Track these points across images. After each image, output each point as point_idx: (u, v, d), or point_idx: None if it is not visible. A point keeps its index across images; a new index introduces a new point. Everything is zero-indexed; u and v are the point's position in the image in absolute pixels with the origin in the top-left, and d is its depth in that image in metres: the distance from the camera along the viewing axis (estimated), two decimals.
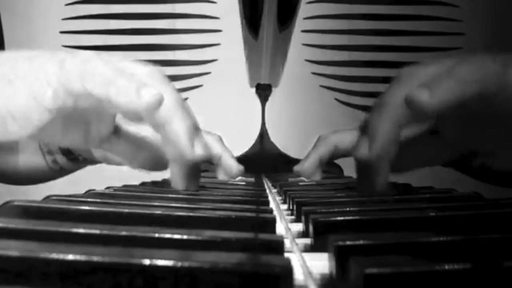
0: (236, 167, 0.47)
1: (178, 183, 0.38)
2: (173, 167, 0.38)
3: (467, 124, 0.35)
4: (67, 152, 0.52)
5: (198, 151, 0.35)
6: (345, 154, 0.52)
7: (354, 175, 0.41)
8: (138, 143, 0.41)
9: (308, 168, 0.47)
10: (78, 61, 0.32)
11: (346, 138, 0.50)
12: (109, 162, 0.48)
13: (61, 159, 0.53)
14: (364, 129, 0.37)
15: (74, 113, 0.33)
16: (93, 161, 0.52)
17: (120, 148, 0.40)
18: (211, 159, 0.48)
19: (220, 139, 0.50)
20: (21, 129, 0.31)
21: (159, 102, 0.32)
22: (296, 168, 0.49)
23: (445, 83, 0.31)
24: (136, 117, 0.33)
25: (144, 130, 0.39)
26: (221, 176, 0.47)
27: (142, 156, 0.41)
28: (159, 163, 0.40)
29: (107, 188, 0.40)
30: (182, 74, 0.93)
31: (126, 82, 0.31)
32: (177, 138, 0.34)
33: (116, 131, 0.39)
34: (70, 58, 0.32)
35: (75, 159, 0.52)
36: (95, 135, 0.37)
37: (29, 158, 0.54)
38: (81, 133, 0.37)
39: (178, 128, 0.34)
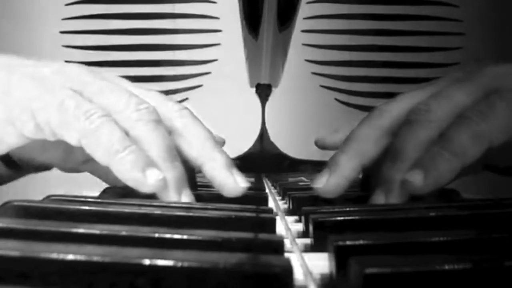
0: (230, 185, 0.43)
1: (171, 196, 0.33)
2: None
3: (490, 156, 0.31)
4: (6, 159, 0.48)
5: (242, 184, 0.33)
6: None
7: None
8: None
9: (330, 190, 0.36)
10: (82, 111, 0.28)
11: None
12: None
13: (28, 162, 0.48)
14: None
15: (52, 140, 0.30)
16: (40, 168, 0.46)
17: (105, 170, 0.35)
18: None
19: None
20: None
21: (164, 186, 0.30)
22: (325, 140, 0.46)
23: (440, 159, 0.28)
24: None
25: None
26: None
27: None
28: None
29: (107, 188, 0.40)
30: (182, 74, 0.93)
31: (132, 160, 0.28)
32: (216, 179, 0.32)
33: None
34: (71, 99, 0.28)
35: (17, 166, 0.45)
36: (78, 158, 0.35)
37: None
38: (61, 155, 0.34)
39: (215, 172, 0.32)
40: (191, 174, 0.36)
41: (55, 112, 0.28)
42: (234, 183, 0.32)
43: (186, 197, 0.32)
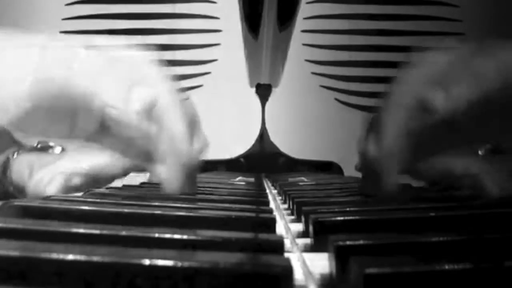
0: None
1: (174, 185, 0.35)
2: (168, 168, 0.35)
3: (488, 117, 0.32)
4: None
5: (196, 146, 0.34)
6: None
7: (353, 175, 0.41)
8: (127, 139, 0.37)
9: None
10: (60, 48, 0.29)
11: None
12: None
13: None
14: (373, 128, 0.34)
15: (58, 105, 0.31)
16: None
17: (110, 141, 0.36)
18: None
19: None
20: (4, 114, 0.29)
21: (152, 105, 0.30)
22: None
23: (462, 83, 0.28)
24: (124, 119, 0.31)
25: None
26: None
27: (134, 150, 0.37)
28: (152, 157, 0.37)
29: (107, 188, 0.40)
30: (182, 74, 0.93)
31: (115, 80, 0.29)
32: (173, 139, 0.33)
33: (104, 126, 0.35)
34: (53, 47, 0.29)
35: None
36: (82, 127, 0.35)
37: None
38: (66, 125, 0.34)
39: (175, 127, 0.32)
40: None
41: (40, 61, 0.29)
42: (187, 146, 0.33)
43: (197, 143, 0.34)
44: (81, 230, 0.19)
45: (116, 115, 0.29)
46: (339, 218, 0.23)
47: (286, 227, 0.27)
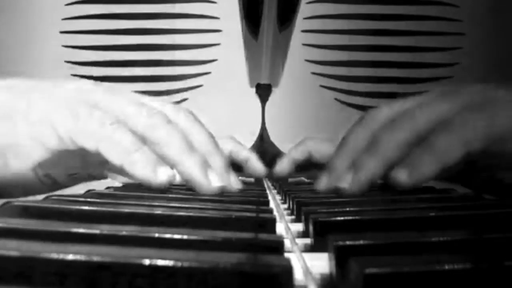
0: (261, 169, 0.57)
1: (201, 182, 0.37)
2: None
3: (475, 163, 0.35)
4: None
5: (215, 184, 0.36)
6: (319, 162, 0.58)
7: None
8: None
9: (282, 170, 0.57)
10: (96, 119, 0.31)
11: (322, 149, 0.55)
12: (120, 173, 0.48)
13: (56, 174, 0.52)
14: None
15: (75, 155, 0.33)
16: (95, 178, 0.51)
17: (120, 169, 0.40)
18: (239, 162, 0.54)
19: (237, 142, 0.55)
20: (22, 164, 0.31)
21: (173, 179, 0.33)
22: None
23: (423, 161, 0.31)
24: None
25: None
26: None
27: None
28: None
29: (107, 188, 0.40)
30: (182, 74, 0.93)
31: (143, 159, 0.32)
32: (190, 177, 0.35)
33: None
34: (86, 110, 0.31)
35: (75, 175, 0.52)
36: (95, 161, 0.37)
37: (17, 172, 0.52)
38: (79, 162, 0.36)
39: (189, 169, 0.35)
40: None
41: (73, 123, 0.31)
42: (229, 185, 0.37)
43: (214, 175, 0.36)
44: (81, 230, 0.19)
45: (141, 179, 0.33)
46: (339, 218, 0.23)
47: (286, 227, 0.27)
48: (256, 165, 0.57)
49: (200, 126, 0.38)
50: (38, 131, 0.31)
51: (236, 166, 0.62)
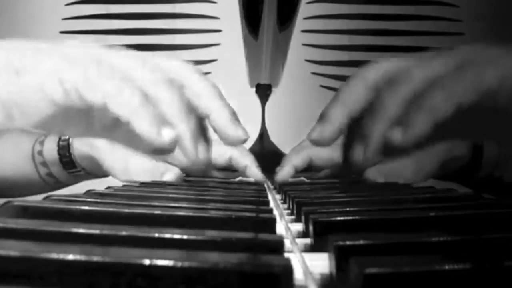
0: (260, 176, 0.58)
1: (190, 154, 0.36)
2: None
3: (463, 121, 0.35)
4: (69, 166, 0.52)
5: (243, 136, 0.36)
6: (320, 167, 0.58)
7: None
8: None
9: (284, 177, 0.58)
10: (105, 74, 0.31)
11: (323, 153, 0.56)
12: (119, 175, 0.49)
13: (58, 172, 0.52)
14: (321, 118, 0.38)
15: (81, 109, 0.33)
16: (96, 176, 0.51)
17: (125, 135, 0.39)
18: (237, 169, 0.55)
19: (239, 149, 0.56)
20: (26, 119, 0.31)
21: (175, 144, 0.32)
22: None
23: (418, 118, 0.31)
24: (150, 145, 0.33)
25: None
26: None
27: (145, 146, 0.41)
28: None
29: (107, 188, 0.40)
30: None
31: (150, 118, 0.32)
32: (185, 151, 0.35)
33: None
34: (95, 65, 0.32)
35: (75, 172, 0.52)
36: (99, 125, 0.37)
37: (19, 169, 0.53)
38: (83, 124, 0.37)
39: (188, 156, 0.34)
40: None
41: (81, 77, 0.31)
42: (236, 134, 0.36)
43: (202, 147, 0.35)
44: (81, 230, 0.19)
45: (144, 137, 0.32)
46: (339, 218, 0.23)
47: (286, 227, 0.27)
48: (256, 172, 0.58)
49: (207, 81, 0.37)
50: (44, 85, 0.31)
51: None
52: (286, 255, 0.19)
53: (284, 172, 0.58)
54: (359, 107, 0.35)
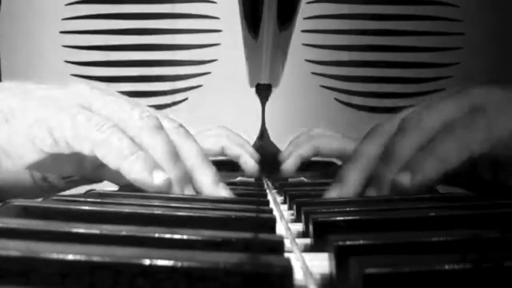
0: (253, 166, 0.56)
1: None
2: None
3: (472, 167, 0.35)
4: None
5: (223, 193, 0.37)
6: (328, 157, 0.57)
7: None
8: None
9: (290, 169, 0.57)
10: (93, 124, 0.31)
11: (330, 144, 0.55)
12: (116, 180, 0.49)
13: (53, 178, 0.52)
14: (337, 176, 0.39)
15: (70, 157, 0.34)
16: (91, 181, 0.51)
17: (116, 174, 0.39)
18: (231, 159, 0.54)
19: (229, 136, 0.54)
20: (14, 165, 0.32)
21: (169, 186, 0.33)
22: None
23: (426, 165, 0.32)
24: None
25: None
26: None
27: None
28: None
29: (107, 188, 0.40)
30: (182, 74, 0.93)
31: (141, 163, 0.32)
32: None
33: None
34: (82, 114, 0.32)
35: (69, 178, 0.52)
36: (89, 166, 0.37)
37: (13, 175, 0.51)
38: (73, 166, 0.37)
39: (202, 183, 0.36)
40: None
41: (69, 127, 0.31)
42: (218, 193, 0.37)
43: (189, 192, 0.35)
44: (81, 230, 0.19)
45: (137, 182, 0.33)
46: (339, 218, 0.23)
47: (286, 227, 0.27)
48: (249, 162, 0.57)
49: (191, 140, 0.38)
50: (33, 133, 0.31)
51: (231, 166, 0.62)
52: (286, 255, 0.19)
53: (290, 164, 0.57)
54: (375, 162, 0.36)
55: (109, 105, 0.34)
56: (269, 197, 0.40)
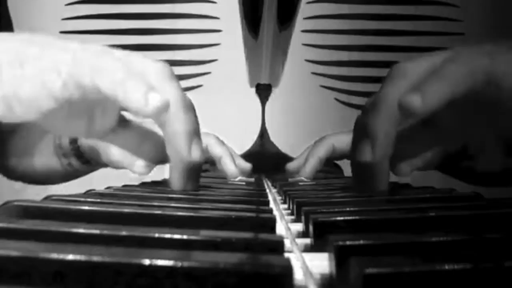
0: (233, 170, 0.53)
1: (176, 184, 0.38)
2: (172, 167, 0.38)
3: (459, 115, 0.36)
4: (79, 156, 0.54)
5: (195, 154, 0.36)
6: (343, 155, 0.56)
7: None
8: (142, 134, 0.42)
9: (310, 172, 0.56)
10: (90, 54, 0.32)
11: (344, 139, 0.54)
12: (114, 165, 0.49)
13: (75, 162, 0.55)
14: (360, 131, 0.37)
15: (80, 104, 0.34)
16: (104, 164, 0.53)
17: (124, 140, 0.41)
18: (211, 160, 0.52)
19: (217, 139, 0.53)
20: (26, 113, 0.32)
21: (165, 108, 0.33)
22: (290, 167, 0.58)
23: (435, 85, 0.32)
24: (141, 115, 0.33)
25: (149, 122, 0.40)
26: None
27: (147, 148, 0.42)
28: (163, 155, 0.40)
29: (107, 188, 0.40)
30: (182, 74, 0.93)
31: (135, 84, 0.32)
32: (175, 140, 0.34)
33: (121, 122, 0.40)
34: (81, 50, 0.33)
35: (87, 162, 0.55)
36: (99, 126, 0.38)
37: (46, 161, 0.56)
38: (84, 123, 0.37)
39: (178, 129, 0.34)
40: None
41: (71, 58, 0.32)
42: (187, 152, 0.36)
43: (196, 151, 0.35)
44: (81, 230, 0.19)
45: (134, 108, 0.32)
46: (339, 218, 0.23)
47: (286, 227, 0.27)
48: (229, 165, 0.53)
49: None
50: (44, 77, 0.31)
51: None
52: (286, 255, 0.19)
53: (310, 167, 0.56)
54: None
55: (119, 51, 0.35)
56: (269, 197, 0.40)
